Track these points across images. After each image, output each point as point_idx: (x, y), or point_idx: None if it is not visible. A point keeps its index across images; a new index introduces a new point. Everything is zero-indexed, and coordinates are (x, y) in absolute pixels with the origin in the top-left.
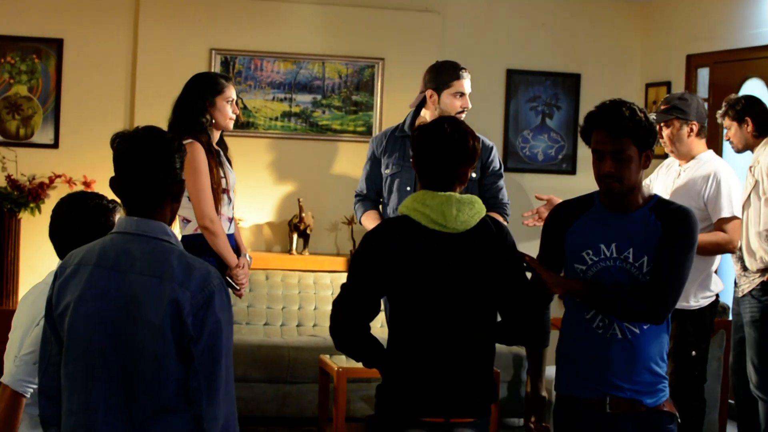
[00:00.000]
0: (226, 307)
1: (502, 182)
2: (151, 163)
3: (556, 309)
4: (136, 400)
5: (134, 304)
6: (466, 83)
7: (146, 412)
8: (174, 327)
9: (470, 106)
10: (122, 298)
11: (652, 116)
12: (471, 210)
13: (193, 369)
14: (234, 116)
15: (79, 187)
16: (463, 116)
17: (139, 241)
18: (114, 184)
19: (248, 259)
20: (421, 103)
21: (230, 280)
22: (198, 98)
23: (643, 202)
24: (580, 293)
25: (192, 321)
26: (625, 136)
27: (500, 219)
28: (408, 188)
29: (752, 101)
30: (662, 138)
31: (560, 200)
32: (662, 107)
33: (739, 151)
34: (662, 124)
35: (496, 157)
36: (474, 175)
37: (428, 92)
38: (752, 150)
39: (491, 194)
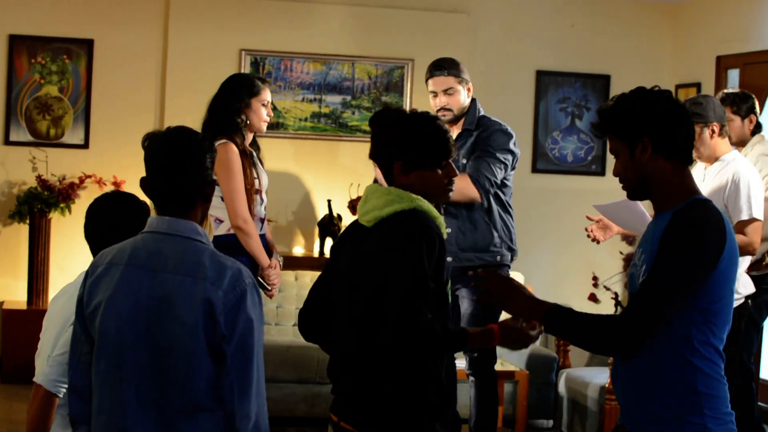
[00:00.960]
0: (258, 306)
1: (486, 158)
2: (182, 163)
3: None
4: (168, 398)
5: (166, 303)
6: (435, 82)
7: (177, 410)
8: (206, 326)
9: (445, 103)
10: (154, 297)
11: None
12: (379, 201)
13: (225, 368)
14: (268, 119)
15: (110, 188)
16: (446, 115)
17: (170, 241)
18: (145, 184)
19: (279, 259)
20: None
21: (262, 281)
22: (234, 99)
23: (674, 203)
24: (541, 321)
25: (224, 320)
26: (607, 133)
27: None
28: None
29: (752, 98)
30: None
31: (611, 222)
32: None
33: (732, 145)
34: None
35: (495, 137)
36: (465, 161)
37: None
38: (741, 146)
39: (471, 169)
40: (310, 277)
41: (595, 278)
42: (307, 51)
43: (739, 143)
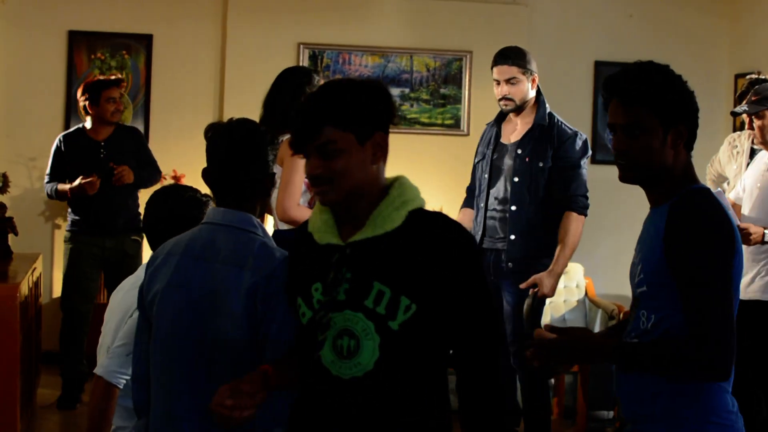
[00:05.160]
0: None
1: (576, 173)
2: (243, 155)
3: None
4: (216, 388)
5: (216, 293)
6: (498, 70)
7: None
8: (250, 315)
9: (507, 93)
10: (206, 287)
11: (743, 108)
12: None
13: (267, 357)
14: None
15: (169, 182)
16: (508, 105)
17: (225, 232)
18: (206, 175)
19: None
20: None
21: None
22: (299, 92)
23: (672, 195)
24: (609, 361)
25: (266, 308)
26: (638, 105)
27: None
28: (485, 175)
29: None
30: (752, 129)
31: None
32: (753, 98)
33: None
34: (752, 116)
35: (574, 146)
36: (541, 164)
37: None
38: None
39: (559, 186)
40: None
41: None
42: (365, 44)
43: None
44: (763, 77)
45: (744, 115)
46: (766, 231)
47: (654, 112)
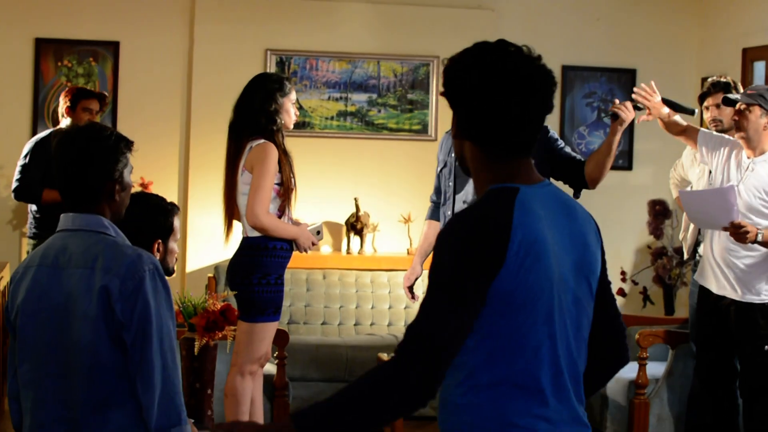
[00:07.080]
0: (161, 292)
1: (564, 149)
2: (83, 160)
3: None
4: (76, 394)
5: (71, 298)
6: None
7: (86, 406)
8: (106, 317)
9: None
10: (62, 294)
11: (735, 96)
12: None
13: (128, 357)
14: (295, 117)
15: (136, 189)
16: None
17: (76, 236)
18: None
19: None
20: None
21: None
22: (269, 100)
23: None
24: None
25: (121, 307)
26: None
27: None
28: (450, 182)
29: None
30: (741, 121)
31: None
32: (748, 92)
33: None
34: (741, 108)
35: (550, 134)
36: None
37: None
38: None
39: (567, 161)
40: (338, 275)
41: (623, 273)
42: (333, 50)
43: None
44: (732, 79)
45: (706, 111)
46: (759, 231)
47: (448, 95)
